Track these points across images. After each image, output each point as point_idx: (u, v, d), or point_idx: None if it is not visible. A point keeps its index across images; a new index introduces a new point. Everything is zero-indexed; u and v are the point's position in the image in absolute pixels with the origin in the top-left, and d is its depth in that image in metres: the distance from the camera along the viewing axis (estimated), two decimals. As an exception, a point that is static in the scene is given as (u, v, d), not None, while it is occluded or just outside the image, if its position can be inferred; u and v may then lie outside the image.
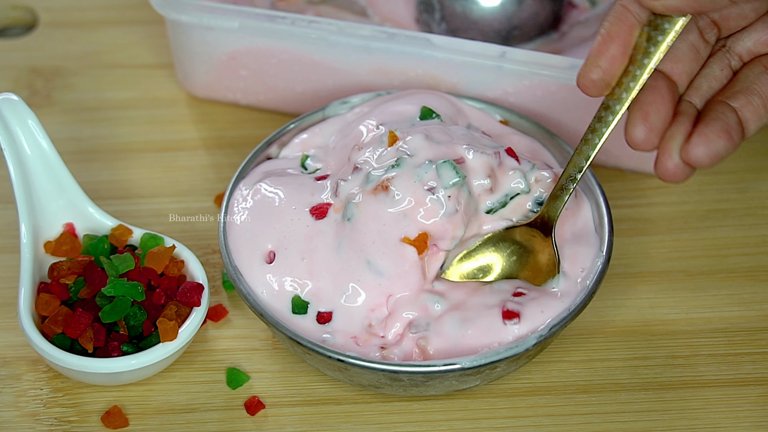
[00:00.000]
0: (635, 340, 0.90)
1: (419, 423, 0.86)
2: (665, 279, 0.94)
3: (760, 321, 0.91)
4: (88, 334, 0.84)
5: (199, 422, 0.86)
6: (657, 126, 0.80)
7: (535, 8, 1.03)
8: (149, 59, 1.10)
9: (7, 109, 0.90)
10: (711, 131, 0.79)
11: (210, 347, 0.90)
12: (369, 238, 0.84)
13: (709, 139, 0.79)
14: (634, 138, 0.80)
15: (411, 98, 0.92)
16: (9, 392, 0.87)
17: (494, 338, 0.82)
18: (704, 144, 0.78)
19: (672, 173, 0.80)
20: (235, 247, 0.86)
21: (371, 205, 0.84)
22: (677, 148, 0.79)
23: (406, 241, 0.83)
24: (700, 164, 0.79)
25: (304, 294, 0.85)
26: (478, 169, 0.85)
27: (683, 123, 0.80)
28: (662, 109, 0.80)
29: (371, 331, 0.84)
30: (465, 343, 0.82)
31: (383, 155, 0.86)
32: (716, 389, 0.87)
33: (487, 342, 0.82)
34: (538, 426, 0.86)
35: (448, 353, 0.82)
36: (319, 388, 0.87)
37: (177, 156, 1.02)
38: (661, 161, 0.80)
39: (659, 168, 0.80)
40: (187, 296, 0.87)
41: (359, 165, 0.86)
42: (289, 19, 0.97)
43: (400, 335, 0.84)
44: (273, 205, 0.87)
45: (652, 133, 0.80)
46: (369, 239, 0.84)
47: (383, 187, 0.84)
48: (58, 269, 0.87)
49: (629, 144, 0.81)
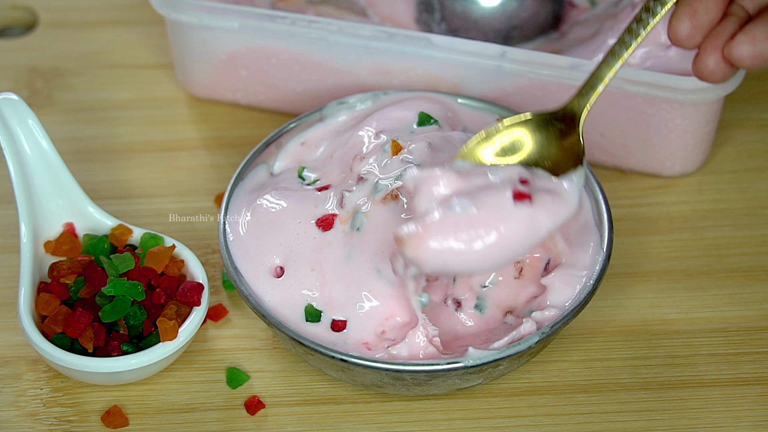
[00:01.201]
0: (635, 340, 0.90)
1: (419, 423, 0.86)
2: (665, 279, 0.94)
3: (760, 321, 0.91)
4: (88, 333, 0.84)
5: (199, 422, 0.86)
6: (703, 24, 0.77)
7: (535, 8, 1.03)
8: (149, 59, 1.10)
9: (7, 109, 0.90)
10: (759, 31, 0.76)
11: (210, 347, 0.90)
12: (378, 247, 0.84)
13: (756, 38, 0.76)
14: (677, 33, 0.78)
15: (407, 104, 0.92)
16: (9, 392, 0.87)
17: (502, 220, 0.79)
18: (749, 42, 0.76)
19: (711, 71, 0.77)
20: (241, 264, 0.86)
21: (381, 215, 0.84)
22: (720, 45, 0.76)
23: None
24: (742, 62, 0.76)
25: (317, 303, 0.85)
26: None
27: (731, 23, 0.77)
28: (712, 7, 0.78)
29: (384, 336, 0.84)
30: (470, 222, 0.78)
31: (388, 165, 0.86)
32: (716, 389, 0.87)
33: (494, 222, 0.79)
34: (538, 426, 0.86)
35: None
36: (319, 388, 0.87)
37: (177, 156, 1.02)
38: (702, 57, 0.77)
39: (698, 64, 0.78)
40: (187, 296, 0.87)
41: (363, 175, 0.86)
42: (289, 19, 0.97)
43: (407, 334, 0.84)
44: (277, 220, 0.87)
45: (697, 31, 0.77)
46: (379, 248, 0.84)
47: (393, 196, 0.85)
48: (58, 269, 0.87)
49: (671, 38, 0.78)
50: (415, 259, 0.78)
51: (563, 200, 0.80)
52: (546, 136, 0.84)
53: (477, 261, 0.79)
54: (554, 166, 0.83)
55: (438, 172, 0.80)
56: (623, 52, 0.82)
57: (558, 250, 0.86)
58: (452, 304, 0.86)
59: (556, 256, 0.87)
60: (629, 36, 0.81)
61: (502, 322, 0.86)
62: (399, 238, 0.78)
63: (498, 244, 0.78)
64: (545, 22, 1.04)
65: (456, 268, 0.79)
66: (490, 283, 0.86)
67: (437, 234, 0.78)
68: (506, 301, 0.86)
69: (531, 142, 0.84)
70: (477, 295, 0.86)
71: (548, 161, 0.83)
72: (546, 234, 0.79)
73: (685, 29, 0.78)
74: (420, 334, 0.83)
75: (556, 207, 0.80)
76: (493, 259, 0.79)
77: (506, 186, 0.79)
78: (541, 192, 0.80)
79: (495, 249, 0.78)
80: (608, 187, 0.97)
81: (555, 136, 0.84)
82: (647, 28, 0.80)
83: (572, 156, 0.83)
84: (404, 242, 0.78)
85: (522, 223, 0.78)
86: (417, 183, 0.80)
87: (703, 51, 0.78)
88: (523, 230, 0.78)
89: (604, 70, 0.83)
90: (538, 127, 0.84)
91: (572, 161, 0.83)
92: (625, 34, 0.82)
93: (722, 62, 0.77)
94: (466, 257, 0.78)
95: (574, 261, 0.86)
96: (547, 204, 0.79)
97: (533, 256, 0.87)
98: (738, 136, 1.03)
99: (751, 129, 1.04)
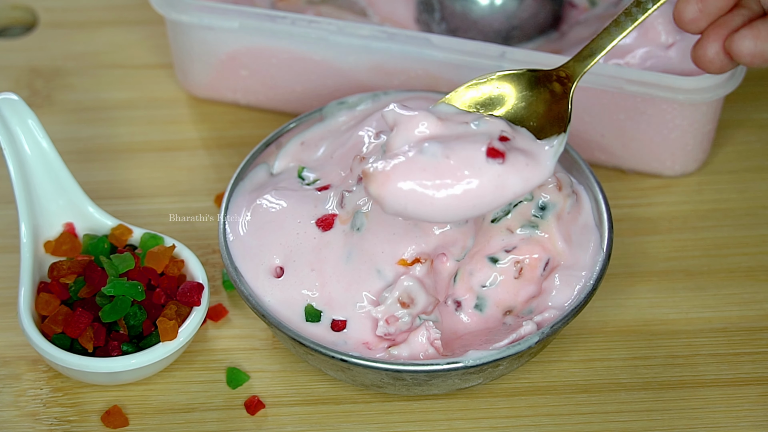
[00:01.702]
0: (635, 340, 0.90)
1: (419, 423, 0.86)
2: (665, 279, 0.94)
3: (760, 321, 0.91)
4: (88, 333, 0.84)
5: (199, 422, 0.86)
6: (711, 10, 0.75)
7: (535, 8, 1.03)
8: (149, 59, 1.10)
9: (7, 109, 0.90)
10: (765, 29, 0.74)
11: (210, 347, 0.90)
12: (378, 248, 0.84)
13: (760, 36, 0.74)
14: (683, 15, 0.76)
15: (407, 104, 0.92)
16: (9, 392, 0.87)
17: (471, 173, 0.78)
18: (753, 38, 0.74)
19: (709, 59, 0.75)
20: (241, 264, 0.86)
21: (381, 215, 0.84)
22: (724, 35, 0.75)
23: (402, 263, 0.83)
24: (742, 58, 0.74)
25: (317, 303, 0.85)
26: None
27: (740, 15, 0.75)
28: None
29: (385, 337, 0.84)
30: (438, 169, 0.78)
31: None
32: (716, 389, 0.87)
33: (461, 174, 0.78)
34: (538, 426, 0.86)
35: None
36: (319, 388, 0.87)
37: (177, 156, 1.02)
38: (702, 44, 0.75)
39: (698, 50, 0.76)
40: (187, 296, 0.87)
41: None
42: (289, 19, 0.97)
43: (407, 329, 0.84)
44: (277, 220, 0.87)
45: (703, 16, 0.75)
46: (378, 249, 0.84)
47: None
48: (58, 269, 0.87)
49: (675, 19, 0.76)
50: (378, 196, 0.78)
51: (538, 164, 0.79)
52: (536, 95, 0.83)
53: (438, 210, 0.78)
54: (539, 127, 0.82)
55: (418, 113, 0.79)
56: (628, 24, 0.80)
57: (558, 250, 0.86)
58: (452, 305, 0.86)
59: (556, 257, 0.87)
60: (636, 9, 0.79)
61: (502, 322, 0.86)
62: (365, 173, 0.78)
63: (462, 197, 0.77)
64: (545, 22, 1.04)
65: (416, 213, 0.78)
66: (490, 284, 0.86)
67: (403, 175, 0.77)
68: (506, 300, 0.86)
69: (520, 97, 0.83)
70: (477, 295, 0.86)
71: (534, 121, 0.82)
72: (513, 196, 0.78)
73: (691, 12, 0.76)
74: (421, 336, 0.83)
75: (529, 170, 0.78)
76: (455, 210, 0.78)
77: (483, 139, 0.78)
78: (516, 152, 0.79)
79: (458, 201, 0.77)
80: (608, 187, 0.97)
81: (545, 97, 0.83)
82: (656, 5, 0.79)
83: (558, 120, 0.82)
84: (370, 178, 0.78)
85: (490, 180, 0.77)
86: (396, 120, 0.80)
87: (705, 38, 0.76)
88: (490, 187, 0.77)
89: (605, 39, 0.81)
90: (529, 83, 0.83)
91: (557, 125, 0.82)
92: (632, 5, 0.80)
93: (722, 53, 0.76)
94: (427, 204, 0.77)
95: (574, 261, 0.86)
96: (520, 166, 0.78)
97: (532, 257, 0.87)
98: (738, 136, 1.03)
99: (751, 129, 1.04)
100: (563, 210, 0.87)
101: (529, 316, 0.85)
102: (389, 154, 0.79)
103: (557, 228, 0.87)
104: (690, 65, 0.94)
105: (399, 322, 0.83)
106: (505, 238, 0.86)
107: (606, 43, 0.82)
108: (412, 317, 0.83)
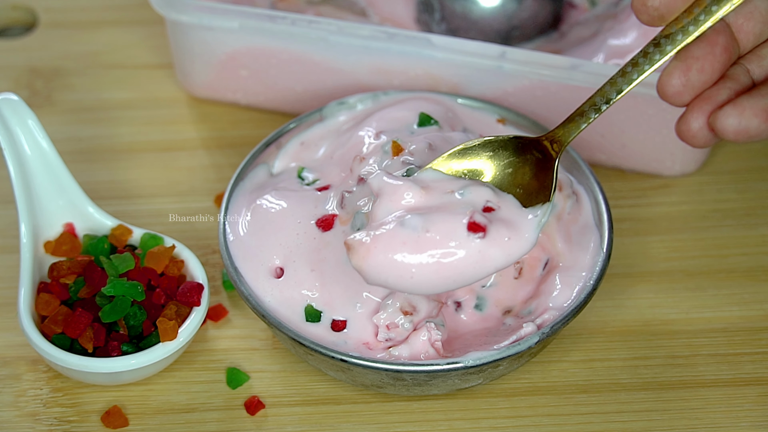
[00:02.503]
0: (635, 340, 0.90)
1: (419, 423, 0.86)
2: (665, 279, 0.94)
3: (760, 321, 0.91)
4: (88, 333, 0.84)
5: (199, 422, 0.86)
6: (694, 84, 0.73)
7: (535, 8, 1.03)
8: (149, 59, 1.10)
9: (7, 109, 0.90)
10: (751, 105, 0.72)
11: (210, 347, 0.90)
12: None
13: (744, 113, 0.71)
14: (666, 88, 0.73)
15: (407, 104, 0.92)
16: (9, 392, 0.87)
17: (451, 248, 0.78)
18: (737, 116, 0.71)
19: (692, 134, 0.73)
20: (241, 265, 0.86)
21: None
22: (708, 110, 0.72)
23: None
24: (726, 135, 0.72)
25: (317, 303, 0.85)
26: None
27: (727, 88, 0.73)
28: (708, 68, 0.73)
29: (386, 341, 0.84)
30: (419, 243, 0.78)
31: (389, 166, 0.86)
32: (716, 389, 0.87)
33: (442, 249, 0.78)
34: (538, 426, 0.86)
35: None
36: (319, 388, 0.87)
37: (177, 156, 1.02)
38: (686, 118, 0.73)
39: (681, 124, 0.74)
40: (187, 296, 0.87)
41: (364, 176, 0.86)
42: (289, 19, 0.97)
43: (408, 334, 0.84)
44: (277, 220, 0.87)
45: (686, 89, 0.73)
46: None
47: None
48: (58, 269, 0.87)
49: (659, 92, 0.74)
50: (359, 268, 0.79)
51: (520, 236, 0.79)
52: (522, 161, 0.82)
53: (418, 283, 0.78)
54: (525, 194, 0.81)
55: (403, 183, 0.80)
56: (612, 95, 0.78)
57: (558, 250, 0.87)
58: (452, 305, 0.86)
59: (555, 257, 0.87)
60: (621, 79, 0.78)
61: (501, 321, 0.86)
62: (348, 244, 0.78)
63: (441, 271, 0.78)
64: (545, 22, 1.04)
65: (397, 285, 0.79)
66: (489, 284, 0.86)
67: (384, 248, 0.78)
68: (505, 300, 0.86)
69: (507, 164, 0.83)
70: (477, 295, 0.86)
71: (520, 188, 0.82)
72: (495, 269, 0.79)
73: (675, 85, 0.74)
74: (422, 337, 0.83)
75: (510, 244, 0.79)
76: (435, 283, 0.79)
77: (465, 211, 0.78)
78: (499, 225, 0.79)
79: (437, 275, 0.78)
80: (608, 187, 0.97)
81: (532, 164, 0.82)
82: (641, 76, 0.77)
83: (544, 189, 0.81)
84: (352, 249, 0.78)
85: (471, 254, 0.78)
86: (381, 189, 0.80)
87: (689, 112, 0.74)
88: (470, 262, 0.78)
89: (589, 106, 0.80)
90: (516, 150, 0.83)
91: (543, 194, 0.81)
92: (617, 75, 0.78)
93: (706, 128, 0.73)
94: (407, 277, 0.78)
95: (574, 261, 0.86)
96: (501, 240, 0.78)
97: (532, 257, 0.87)
98: (738, 136, 1.03)
99: (751, 129, 1.03)
100: (563, 211, 0.87)
101: (529, 316, 0.85)
102: (371, 225, 0.79)
103: (557, 229, 0.87)
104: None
105: (400, 328, 0.83)
106: None
107: (591, 113, 0.79)
108: (413, 323, 0.83)
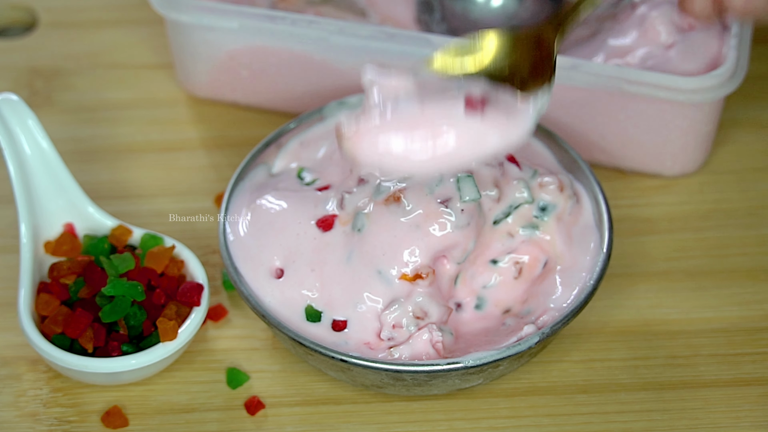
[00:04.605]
0: (635, 340, 0.90)
1: (419, 423, 0.86)
2: (665, 279, 0.94)
3: (761, 321, 0.91)
4: (88, 334, 0.84)
5: (199, 422, 0.86)
6: None
7: (535, 8, 1.03)
8: (149, 59, 1.10)
9: (7, 109, 0.90)
10: None
11: (210, 347, 0.90)
12: (379, 250, 0.84)
13: None
14: None
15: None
16: (9, 392, 0.87)
17: (447, 126, 0.77)
18: None
19: (697, 7, 0.73)
20: (241, 265, 0.86)
21: (382, 216, 0.84)
22: None
23: (405, 278, 0.83)
24: (734, 8, 0.71)
25: (317, 304, 0.85)
26: (485, 180, 0.85)
27: None
28: None
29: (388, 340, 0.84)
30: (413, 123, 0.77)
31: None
32: (716, 389, 0.87)
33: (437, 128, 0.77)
34: (538, 426, 0.86)
35: None
36: (319, 388, 0.87)
37: (177, 156, 1.02)
38: None
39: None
40: (187, 296, 0.87)
41: (364, 176, 0.86)
42: (289, 19, 0.97)
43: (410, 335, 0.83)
44: (277, 221, 0.87)
45: None
46: (379, 250, 0.84)
47: (395, 198, 0.84)
48: (58, 269, 0.87)
49: None
50: (352, 155, 0.77)
51: (517, 121, 0.78)
52: (521, 50, 0.81)
53: (414, 164, 0.77)
54: (523, 83, 0.80)
55: (396, 76, 0.79)
56: None
57: (557, 251, 0.87)
58: (453, 305, 0.86)
59: (555, 257, 0.87)
60: None
61: (502, 321, 0.86)
62: (339, 131, 0.77)
63: (439, 151, 0.77)
64: (545, 22, 1.04)
65: (392, 168, 0.77)
66: (490, 284, 0.86)
67: (377, 131, 0.77)
68: (505, 300, 0.86)
69: (503, 55, 0.81)
70: (477, 296, 0.86)
71: (518, 78, 0.80)
72: (492, 151, 0.77)
73: None
74: (423, 337, 0.83)
75: (508, 127, 0.77)
76: (431, 164, 0.77)
77: (461, 94, 0.77)
78: (496, 108, 0.77)
79: (434, 155, 0.77)
80: (608, 187, 0.97)
81: (530, 52, 0.81)
82: None
83: (543, 74, 0.80)
84: (344, 136, 0.77)
85: (467, 133, 0.76)
86: (374, 79, 0.79)
87: None
88: (467, 141, 0.77)
89: None
90: (513, 39, 0.81)
91: (541, 80, 0.80)
92: None
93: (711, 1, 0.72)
94: (402, 159, 0.77)
95: (574, 262, 0.86)
96: (499, 121, 0.77)
97: (532, 257, 0.87)
98: (738, 136, 1.03)
99: (751, 129, 1.03)
100: (564, 211, 0.87)
101: (529, 316, 0.85)
102: (365, 111, 0.78)
103: (557, 229, 0.87)
104: (690, 65, 0.94)
105: (404, 329, 0.83)
106: (506, 242, 0.86)
107: None
108: (418, 326, 0.83)
